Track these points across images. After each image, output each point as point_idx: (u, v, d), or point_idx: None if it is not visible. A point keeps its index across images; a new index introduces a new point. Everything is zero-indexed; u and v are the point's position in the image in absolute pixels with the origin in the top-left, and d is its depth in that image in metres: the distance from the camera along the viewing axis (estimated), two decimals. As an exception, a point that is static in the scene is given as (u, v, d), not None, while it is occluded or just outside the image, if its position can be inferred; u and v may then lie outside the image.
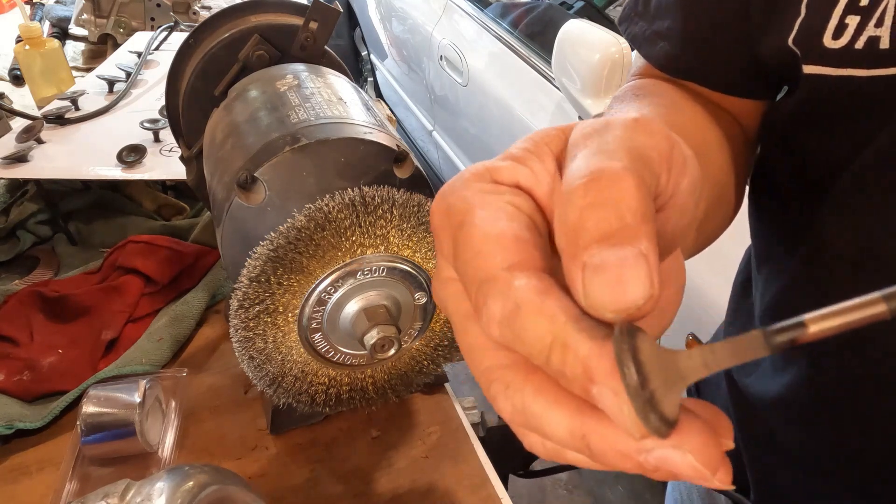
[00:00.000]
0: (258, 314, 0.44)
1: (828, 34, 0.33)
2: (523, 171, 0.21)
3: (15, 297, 0.70)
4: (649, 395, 0.16)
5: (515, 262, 0.19)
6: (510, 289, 0.18)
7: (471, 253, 0.20)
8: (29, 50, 1.06)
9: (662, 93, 0.42)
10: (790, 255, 0.43)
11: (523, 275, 0.18)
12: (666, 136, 0.21)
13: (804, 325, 0.16)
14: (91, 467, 0.55)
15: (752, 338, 0.16)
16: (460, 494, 0.54)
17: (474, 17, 2.27)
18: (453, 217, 0.21)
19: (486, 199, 0.21)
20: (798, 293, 0.42)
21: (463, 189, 0.21)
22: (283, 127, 0.47)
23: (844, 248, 0.38)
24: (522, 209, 0.21)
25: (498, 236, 0.19)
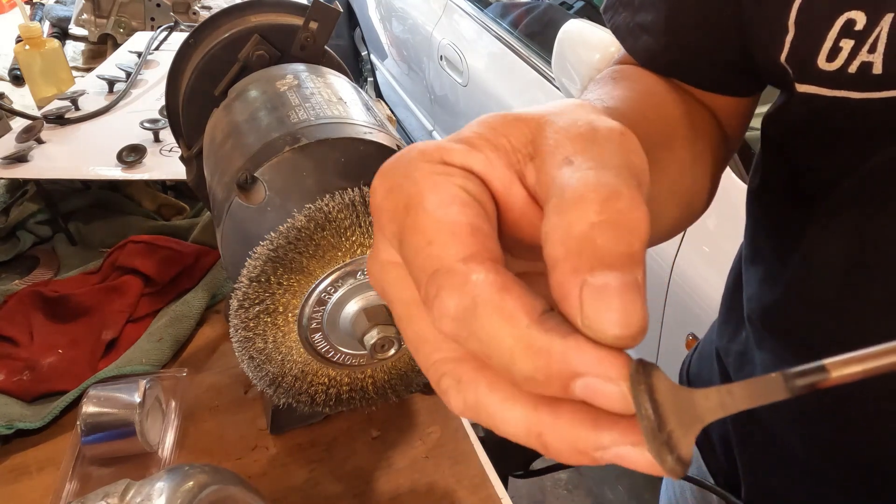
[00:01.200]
0: (258, 314, 0.44)
1: (822, 56, 0.33)
2: (477, 158, 0.20)
3: (15, 297, 0.70)
4: (667, 437, 0.16)
5: (471, 253, 0.18)
6: (467, 283, 0.17)
7: (422, 241, 0.18)
8: (29, 50, 1.06)
9: (640, 79, 0.41)
10: (782, 260, 0.43)
11: (481, 268, 0.17)
12: (644, 155, 0.20)
13: (826, 371, 0.16)
14: (91, 467, 0.55)
15: (771, 380, 0.16)
16: (460, 494, 0.54)
17: (474, 17, 2.27)
18: (398, 198, 0.19)
19: (436, 181, 0.19)
20: (789, 298, 0.43)
21: (410, 168, 0.20)
22: (283, 127, 0.47)
23: (836, 256, 0.38)
24: (475, 195, 0.19)
25: (452, 224, 0.18)
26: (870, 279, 0.36)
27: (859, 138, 0.35)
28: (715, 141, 0.43)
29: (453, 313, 0.17)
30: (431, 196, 0.19)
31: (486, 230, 0.18)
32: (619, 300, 0.16)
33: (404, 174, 0.20)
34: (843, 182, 0.37)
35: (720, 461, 0.56)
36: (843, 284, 0.38)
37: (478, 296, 0.17)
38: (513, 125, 0.20)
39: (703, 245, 1.28)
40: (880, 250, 0.36)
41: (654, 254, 1.37)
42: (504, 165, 0.20)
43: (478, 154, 0.20)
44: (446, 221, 0.18)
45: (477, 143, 0.20)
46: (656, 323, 1.39)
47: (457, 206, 0.18)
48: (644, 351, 1.50)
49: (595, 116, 0.20)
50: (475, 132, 0.21)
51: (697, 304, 1.26)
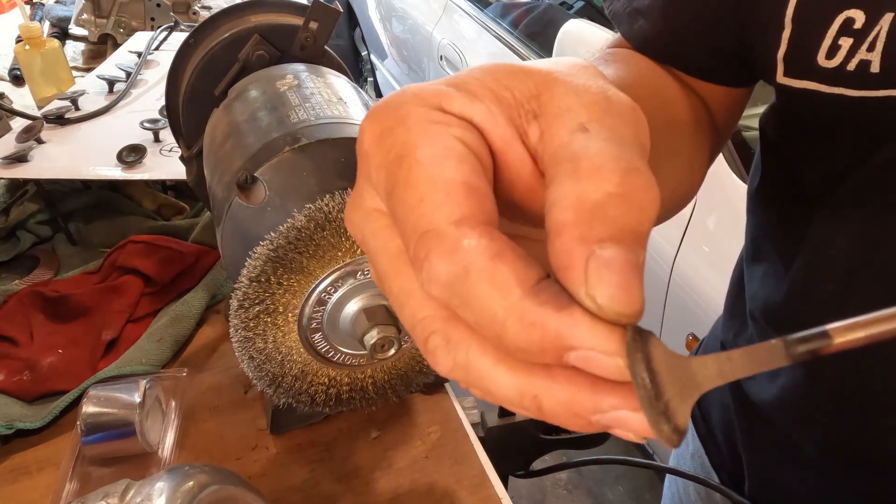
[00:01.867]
0: (258, 314, 0.44)
1: (821, 53, 0.33)
2: (478, 108, 0.19)
3: (15, 297, 0.70)
4: (664, 407, 0.16)
5: (465, 214, 0.17)
6: (458, 249, 0.16)
7: (413, 197, 0.17)
8: (29, 50, 1.06)
9: (634, 62, 0.41)
10: (784, 259, 0.44)
11: (474, 232, 0.16)
12: (649, 136, 0.19)
13: (828, 336, 0.15)
14: (91, 467, 0.55)
15: (771, 347, 0.16)
16: (460, 494, 0.54)
17: (474, 17, 2.27)
18: (390, 144, 0.18)
19: (431, 130, 0.18)
20: (791, 296, 0.43)
21: (404, 112, 0.18)
22: (283, 127, 0.47)
23: (838, 256, 0.38)
24: (473, 148, 0.18)
25: (447, 182, 0.17)
26: (872, 278, 0.37)
27: (857, 137, 0.36)
28: (707, 129, 0.43)
29: (443, 279, 0.17)
30: (426, 147, 0.18)
31: (482, 189, 0.17)
32: (624, 277, 0.16)
33: (398, 118, 0.18)
34: (844, 182, 0.37)
35: (724, 456, 0.56)
36: (845, 283, 0.38)
37: (469, 263, 0.16)
38: (519, 77, 0.19)
39: (703, 245, 1.28)
40: (883, 249, 0.36)
41: (654, 254, 1.37)
42: (505, 120, 0.19)
43: (479, 104, 0.19)
44: (440, 178, 0.17)
45: (478, 93, 0.19)
46: (656, 323, 1.39)
47: (452, 161, 0.17)
48: (644, 351, 1.50)
49: (606, 84, 0.19)
50: (478, 79, 0.19)
51: (697, 304, 1.26)
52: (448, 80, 0.19)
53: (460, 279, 0.16)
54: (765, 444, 0.50)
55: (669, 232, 1.33)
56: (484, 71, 0.20)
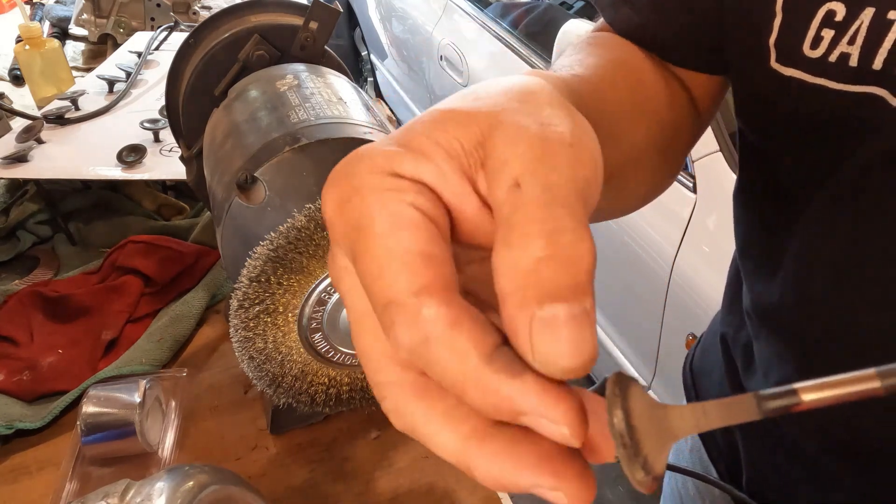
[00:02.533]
0: (258, 314, 0.44)
1: (807, 43, 0.34)
2: (429, 168, 0.19)
3: (15, 297, 0.70)
4: (643, 461, 0.16)
5: (423, 285, 0.17)
6: (418, 319, 0.17)
7: (374, 269, 0.18)
8: (29, 50, 1.06)
9: (616, 47, 0.41)
10: (773, 258, 0.44)
11: (432, 302, 0.17)
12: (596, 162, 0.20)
13: (797, 395, 0.16)
14: (91, 467, 0.55)
15: (745, 401, 0.17)
16: (460, 494, 0.54)
17: (474, 17, 2.27)
18: (349, 214, 0.19)
19: (385, 199, 0.19)
20: (782, 294, 0.43)
21: (358, 181, 0.19)
22: (283, 127, 0.47)
23: (827, 255, 0.38)
24: (427, 213, 0.19)
25: (403, 253, 0.18)
26: (862, 276, 0.37)
27: (836, 133, 0.36)
28: (688, 115, 0.43)
29: (407, 346, 0.18)
30: (381, 218, 0.18)
31: (439, 255, 0.18)
32: (568, 331, 0.17)
33: (353, 188, 0.19)
34: (825, 182, 0.37)
35: (721, 448, 0.56)
36: (835, 282, 0.38)
37: (429, 332, 0.17)
38: (464, 125, 0.20)
39: (703, 245, 1.28)
40: (871, 248, 0.36)
41: (654, 254, 1.37)
42: (457, 174, 0.19)
43: (428, 164, 0.19)
44: (397, 250, 0.18)
45: (428, 150, 0.19)
46: (656, 323, 1.39)
47: (408, 231, 0.18)
48: (644, 351, 1.50)
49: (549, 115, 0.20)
50: (426, 135, 0.20)
51: (697, 304, 1.26)
52: (399, 137, 0.20)
53: (423, 346, 0.17)
54: (762, 439, 0.51)
55: (669, 232, 1.33)
56: (432, 122, 0.20)
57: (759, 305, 0.46)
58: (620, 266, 1.45)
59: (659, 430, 0.17)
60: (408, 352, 0.18)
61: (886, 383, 0.16)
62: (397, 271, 0.18)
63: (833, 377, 0.16)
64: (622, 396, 0.17)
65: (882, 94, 0.32)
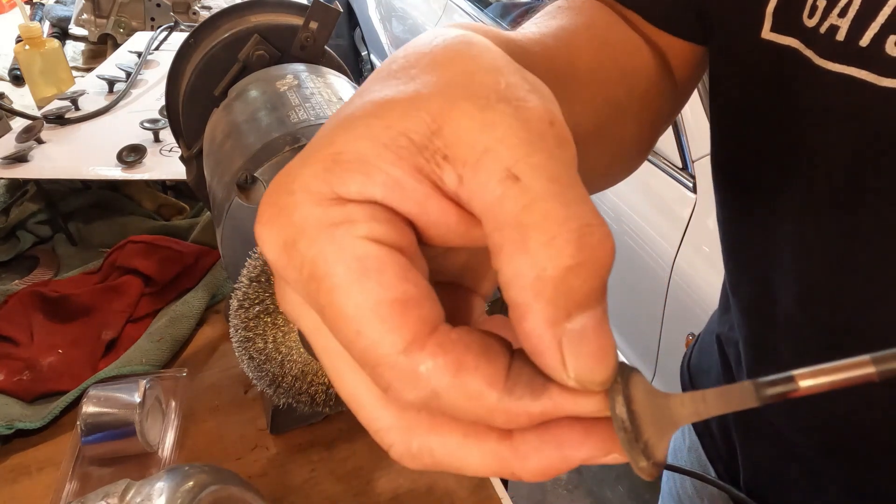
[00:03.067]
0: (258, 314, 0.44)
1: (805, 11, 0.33)
2: (377, 182, 0.16)
3: (15, 297, 0.70)
4: (643, 446, 0.17)
5: (409, 338, 0.15)
6: (418, 377, 0.16)
7: (349, 331, 0.16)
8: (29, 50, 1.06)
9: (587, 11, 0.39)
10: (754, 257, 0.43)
11: (426, 355, 0.15)
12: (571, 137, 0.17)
13: (794, 381, 0.16)
14: (91, 467, 0.55)
15: (743, 388, 0.17)
16: (460, 494, 0.54)
17: (474, 17, 2.27)
18: (298, 262, 0.16)
19: (337, 239, 0.16)
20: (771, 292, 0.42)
21: (300, 218, 0.16)
22: (283, 127, 0.47)
23: (818, 253, 0.37)
24: (388, 242, 0.16)
25: (376, 307, 0.15)
26: (853, 273, 0.36)
27: (821, 116, 0.34)
28: (661, 83, 0.41)
29: (415, 403, 0.16)
30: (338, 265, 0.16)
31: (416, 294, 0.16)
32: (597, 341, 0.16)
33: (296, 227, 0.16)
34: (816, 171, 0.36)
35: (719, 448, 0.56)
36: (826, 280, 0.38)
37: (435, 386, 0.16)
38: (410, 114, 0.16)
39: (703, 245, 1.28)
40: (863, 242, 0.35)
41: (654, 254, 1.37)
42: (413, 178, 0.16)
43: (376, 176, 0.16)
44: (368, 304, 0.15)
45: (371, 158, 0.16)
46: (656, 322, 1.39)
47: (373, 277, 0.16)
48: (644, 351, 1.50)
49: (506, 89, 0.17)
50: (365, 137, 0.16)
51: (697, 304, 1.26)
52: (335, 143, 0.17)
53: (433, 400, 0.16)
54: (759, 439, 0.51)
55: (669, 232, 1.33)
56: (369, 118, 0.17)
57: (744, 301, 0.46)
58: (620, 266, 1.45)
59: (660, 417, 0.17)
60: (417, 407, 0.17)
61: (881, 369, 0.16)
62: (376, 330, 0.15)
63: (829, 364, 0.16)
64: (623, 384, 0.17)
65: (863, 75, 0.31)
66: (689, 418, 0.17)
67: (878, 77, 0.30)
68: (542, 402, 0.16)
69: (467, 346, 0.16)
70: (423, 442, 0.18)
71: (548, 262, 0.15)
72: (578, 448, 0.17)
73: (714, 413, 0.17)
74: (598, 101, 0.35)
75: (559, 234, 0.15)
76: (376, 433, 0.18)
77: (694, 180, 1.32)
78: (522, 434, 0.17)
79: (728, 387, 0.17)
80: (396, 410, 0.18)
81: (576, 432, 0.17)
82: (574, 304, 0.15)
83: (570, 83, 0.33)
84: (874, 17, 0.30)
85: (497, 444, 0.17)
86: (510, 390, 0.16)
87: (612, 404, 0.17)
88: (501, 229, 0.16)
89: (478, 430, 0.17)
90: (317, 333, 0.18)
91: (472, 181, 0.16)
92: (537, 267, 0.15)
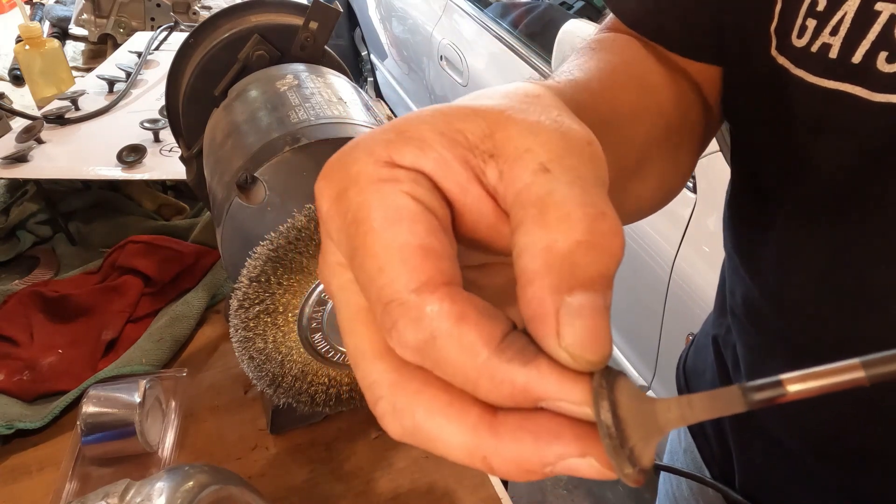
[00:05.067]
0: (258, 314, 0.44)
1: (795, 32, 0.33)
2: (429, 158, 0.18)
3: (15, 297, 0.70)
4: (629, 453, 0.16)
5: (424, 280, 0.17)
6: (422, 316, 0.17)
7: (373, 267, 0.17)
8: (29, 50, 1.06)
9: (621, 49, 0.40)
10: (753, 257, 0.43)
11: (435, 298, 0.17)
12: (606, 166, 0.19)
13: (782, 386, 0.16)
14: (91, 467, 0.55)
15: (730, 393, 0.17)
16: (460, 494, 0.54)
17: (474, 17, 2.27)
18: (346, 207, 0.18)
19: (383, 190, 0.18)
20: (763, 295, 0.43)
21: (355, 171, 0.18)
22: (283, 127, 0.47)
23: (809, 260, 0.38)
24: (426, 203, 0.18)
25: (401, 248, 0.17)
26: (843, 276, 0.36)
27: (813, 130, 0.35)
28: (697, 113, 0.42)
29: (412, 346, 0.17)
30: (378, 210, 0.18)
31: (439, 248, 0.17)
32: (594, 322, 0.16)
33: (350, 179, 0.18)
34: (807, 180, 0.36)
35: (714, 450, 0.56)
36: (816, 282, 0.38)
37: (435, 329, 0.17)
38: (470, 119, 0.19)
39: (703, 245, 1.28)
40: (851, 248, 0.35)
41: (654, 254, 1.37)
42: (460, 164, 0.18)
43: (430, 152, 0.18)
44: (395, 245, 0.17)
45: (429, 139, 0.18)
46: (656, 323, 1.39)
47: (405, 224, 0.17)
48: (644, 351, 1.50)
49: (561, 117, 0.19)
50: (428, 124, 0.19)
51: (697, 304, 1.26)
52: (400, 125, 0.19)
53: (429, 345, 0.17)
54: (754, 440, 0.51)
55: (669, 232, 1.33)
56: (435, 113, 0.19)
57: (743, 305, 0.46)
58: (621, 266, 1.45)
59: (646, 422, 0.17)
60: (413, 351, 0.17)
61: (870, 373, 0.16)
62: (396, 268, 0.17)
63: (817, 368, 0.16)
64: (609, 388, 0.17)
65: (857, 91, 0.31)
66: (675, 423, 0.17)
67: (870, 93, 0.31)
68: (528, 371, 0.17)
69: (473, 303, 0.17)
70: (408, 401, 0.18)
71: (559, 235, 0.17)
72: (553, 441, 0.17)
73: (701, 418, 0.17)
74: (639, 138, 0.36)
75: (574, 213, 0.17)
76: (369, 386, 0.19)
77: (694, 180, 1.32)
78: (504, 416, 0.17)
79: (715, 391, 0.17)
80: (393, 365, 0.19)
81: (555, 424, 0.17)
82: (577, 281, 0.16)
83: (615, 124, 0.33)
84: (865, 34, 0.30)
85: (477, 421, 0.17)
86: (501, 351, 0.17)
87: (597, 409, 0.16)
88: (525, 207, 0.17)
89: (463, 403, 0.18)
90: (343, 291, 0.20)
91: (510, 172, 0.18)
92: (549, 238, 0.17)
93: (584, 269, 0.16)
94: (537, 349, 0.17)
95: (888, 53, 0.30)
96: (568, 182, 0.17)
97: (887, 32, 0.29)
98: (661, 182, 0.41)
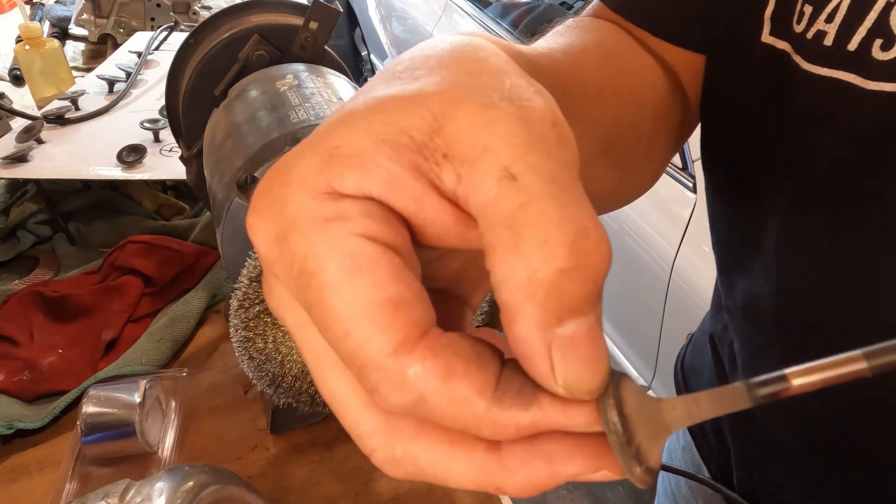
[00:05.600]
0: (258, 314, 0.44)
1: (795, 17, 0.33)
2: (375, 178, 0.16)
3: (15, 297, 0.70)
4: (635, 451, 0.16)
5: (399, 340, 0.15)
6: (405, 380, 0.15)
7: (338, 329, 0.15)
8: (29, 50, 1.06)
9: (596, 32, 0.38)
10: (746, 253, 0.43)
11: (415, 358, 0.15)
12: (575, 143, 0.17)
13: (787, 380, 0.16)
14: (91, 467, 0.55)
15: (735, 389, 0.17)
16: (460, 494, 0.54)
17: (474, 17, 2.28)
18: (289, 256, 0.16)
19: (330, 235, 0.15)
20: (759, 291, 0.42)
21: (293, 212, 0.16)
22: (282, 127, 0.47)
23: (805, 253, 0.37)
24: (383, 240, 0.16)
25: (367, 307, 0.15)
26: (838, 269, 0.36)
27: (805, 117, 0.34)
28: (672, 99, 0.41)
29: (401, 407, 0.16)
30: (331, 261, 0.15)
31: (408, 296, 0.15)
32: (588, 349, 0.15)
33: (287, 221, 0.16)
34: (801, 171, 0.36)
35: (712, 448, 0.56)
36: (812, 275, 0.38)
37: (422, 391, 0.15)
38: (411, 112, 0.16)
39: (703, 245, 1.28)
40: (845, 240, 0.35)
41: (654, 254, 1.37)
42: (411, 175, 0.16)
43: (374, 171, 0.16)
44: (358, 303, 0.15)
45: (369, 153, 0.16)
46: (656, 323, 1.39)
47: (366, 276, 0.15)
48: (644, 351, 1.50)
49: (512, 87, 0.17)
50: (364, 130, 0.16)
51: (697, 303, 1.26)
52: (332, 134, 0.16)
53: (419, 404, 0.16)
54: (751, 440, 0.51)
55: (669, 232, 1.33)
56: (369, 109, 0.16)
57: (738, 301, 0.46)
58: (620, 266, 1.45)
59: (652, 422, 0.17)
60: (403, 411, 0.16)
61: (873, 364, 0.16)
62: (366, 330, 0.15)
63: (821, 361, 0.16)
64: (614, 389, 0.17)
65: (851, 79, 0.31)
66: (681, 422, 0.17)
67: (864, 80, 0.31)
68: (532, 412, 0.16)
69: (457, 351, 0.16)
70: (407, 449, 0.17)
71: (540, 265, 0.15)
72: (567, 463, 0.16)
73: (707, 416, 0.17)
74: (606, 119, 0.35)
75: (553, 236, 0.15)
76: (358, 437, 0.18)
77: (694, 180, 1.32)
78: (511, 446, 0.17)
79: (720, 389, 0.17)
80: (381, 414, 0.17)
81: (565, 446, 0.16)
82: (566, 310, 0.15)
83: (578, 99, 0.32)
84: (861, 22, 0.30)
85: (484, 456, 0.17)
86: (499, 399, 0.16)
87: (604, 409, 0.16)
88: (495, 229, 0.15)
89: (465, 439, 0.17)
90: (302, 331, 0.18)
91: (470, 179, 0.16)
92: (529, 269, 0.15)
93: (571, 294, 0.15)
94: (535, 386, 0.16)
95: (883, 41, 0.29)
96: (540, 192, 0.15)
97: (883, 20, 0.29)
98: (629, 169, 0.40)
